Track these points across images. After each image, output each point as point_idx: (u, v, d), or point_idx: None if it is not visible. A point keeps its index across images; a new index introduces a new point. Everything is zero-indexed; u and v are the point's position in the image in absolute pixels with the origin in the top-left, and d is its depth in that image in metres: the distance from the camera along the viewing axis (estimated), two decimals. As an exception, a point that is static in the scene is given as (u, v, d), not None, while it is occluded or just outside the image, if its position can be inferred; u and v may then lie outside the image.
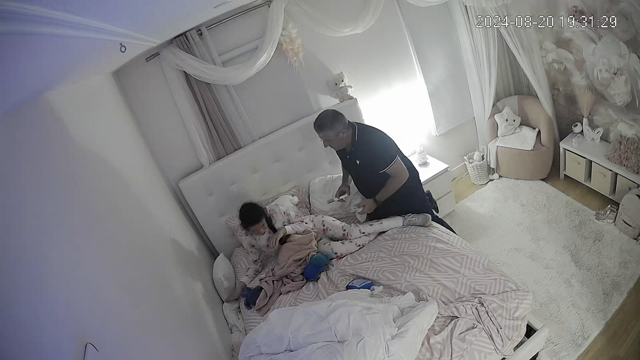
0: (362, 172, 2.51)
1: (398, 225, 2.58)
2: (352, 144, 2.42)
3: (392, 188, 2.44)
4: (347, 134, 2.36)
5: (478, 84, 3.39)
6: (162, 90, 2.61)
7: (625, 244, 2.70)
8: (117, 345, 1.15)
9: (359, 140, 2.39)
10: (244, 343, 1.88)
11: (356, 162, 2.46)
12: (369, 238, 2.59)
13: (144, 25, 1.45)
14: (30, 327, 0.84)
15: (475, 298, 1.91)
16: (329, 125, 2.31)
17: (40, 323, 0.87)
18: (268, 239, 2.58)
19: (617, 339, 2.21)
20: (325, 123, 2.31)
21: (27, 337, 0.82)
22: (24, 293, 0.88)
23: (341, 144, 2.42)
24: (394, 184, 2.42)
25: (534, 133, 3.40)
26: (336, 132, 2.32)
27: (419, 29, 3.16)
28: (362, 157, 2.42)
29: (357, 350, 1.62)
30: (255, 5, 2.62)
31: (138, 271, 1.61)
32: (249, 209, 2.50)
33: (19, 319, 0.82)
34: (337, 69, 3.04)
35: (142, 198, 2.13)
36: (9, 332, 0.78)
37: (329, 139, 2.36)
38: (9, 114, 1.09)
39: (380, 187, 2.47)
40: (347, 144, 2.42)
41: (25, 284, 0.89)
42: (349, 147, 2.44)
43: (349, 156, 2.49)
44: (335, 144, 2.40)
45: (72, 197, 1.33)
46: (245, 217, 2.48)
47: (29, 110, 1.23)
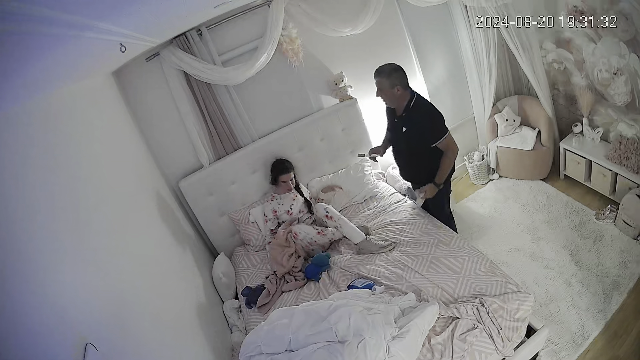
0: (406, 140, 2.38)
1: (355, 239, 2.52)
2: (404, 108, 2.30)
3: (448, 165, 2.34)
4: (402, 93, 2.25)
5: (478, 84, 3.39)
6: (162, 90, 2.61)
7: (625, 244, 2.70)
8: (117, 345, 1.15)
9: (413, 108, 2.28)
10: (244, 343, 1.88)
11: (402, 128, 2.35)
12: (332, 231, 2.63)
13: (143, 25, 1.45)
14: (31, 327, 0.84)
15: (476, 299, 1.91)
16: (387, 73, 2.21)
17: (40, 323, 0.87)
18: (291, 206, 2.77)
19: (617, 339, 2.21)
20: (385, 70, 2.23)
21: (27, 337, 0.82)
22: (24, 293, 0.88)
23: (393, 101, 2.30)
24: (448, 160, 2.32)
25: (534, 133, 3.40)
26: (392, 83, 2.21)
27: (419, 29, 3.16)
28: (412, 125, 2.31)
29: (357, 350, 1.62)
30: (255, 5, 2.61)
31: (138, 271, 1.61)
32: (282, 160, 2.82)
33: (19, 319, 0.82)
34: (337, 69, 3.04)
35: (142, 198, 2.13)
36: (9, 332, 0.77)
37: (382, 88, 2.25)
38: (9, 114, 1.08)
39: (418, 160, 2.41)
40: (399, 106, 2.31)
41: (26, 284, 0.89)
42: (400, 110, 2.33)
43: (396, 120, 2.40)
44: (386, 96, 2.27)
45: (72, 197, 1.33)
46: (277, 165, 2.78)
47: (29, 110, 1.23)
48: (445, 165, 2.35)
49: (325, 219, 2.61)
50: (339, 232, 2.62)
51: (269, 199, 2.84)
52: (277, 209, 2.78)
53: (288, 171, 2.76)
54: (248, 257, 2.85)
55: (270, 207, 2.80)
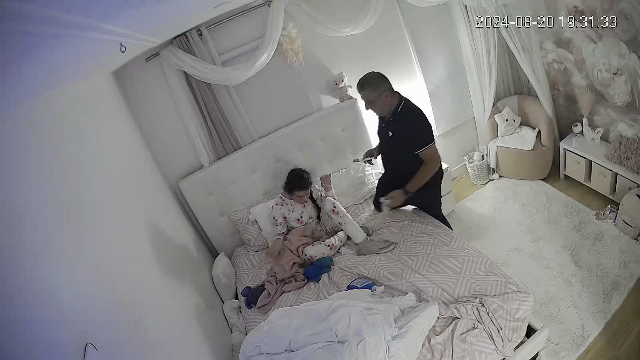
0: (393, 144, 2.37)
1: (356, 239, 2.51)
2: (392, 113, 2.27)
3: (425, 175, 2.27)
4: (390, 99, 2.22)
5: (478, 84, 3.39)
6: (162, 90, 2.61)
7: (625, 244, 2.70)
8: (117, 345, 1.15)
9: (400, 112, 2.25)
10: (244, 343, 1.88)
11: (389, 133, 2.34)
12: (339, 237, 2.62)
13: (144, 25, 1.45)
14: (31, 327, 0.84)
15: (475, 299, 1.91)
16: (372, 85, 2.17)
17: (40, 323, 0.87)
18: (301, 214, 2.69)
19: (617, 339, 2.21)
20: (369, 81, 2.18)
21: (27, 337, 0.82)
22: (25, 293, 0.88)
23: (383, 109, 2.27)
24: (426, 170, 2.26)
25: (534, 133, 3.40)
26: (379, 92, 2.18)
27: (419, 29, 3.16)
28: (398, 130, 2.28)
29: (357, 350, 1.62)
30: (255, 5, 2.61)
31: (138, 271, 1.61)
32: (302, 174, 2.62)
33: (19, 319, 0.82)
34: (337, 69, 3.04)
35: (143, 198, 2.13)
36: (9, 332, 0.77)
37: (371, 100, 2.21)
38: (9, 114, 1.08)
39: (404, 166, 2.35)
40: (388, 111, 2.28)
41: (26, 284, 0.89)
42: (388, 115, 2.30)
43: (384, 125, 2.38)
44: (377, 106, 2.25)
45: (72, 196, 1.33)
46: (297, 179, 2.60)
47: (29, 110, 1.23)
48: (421, 175, 2.28)
49: (332, 213, 2.60)
50: (344, 237, 2.62)
51: (278, 202, 2.73)
52: (288, 216, 2.71)
53: (307, 188, 2.61)
54: (248, 257, 2.85)
55: (280, 212, 2.71)
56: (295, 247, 2.60)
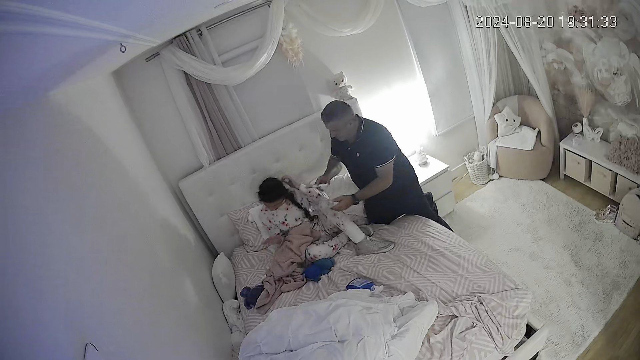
0: (361, 164, 2.47)
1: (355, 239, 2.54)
2: (356, 135, 2.40)
3: (374, 189, 2.40)
4: (354, 125, 2.35)
5: (478, 84, 3.39)
6: (162, 90, 2.61)
7: (625, 244, 2.70)
8: (117, 345, 1.15)
9: (363, 134, 2.38)
10: (244, 343, 1.88)
11: (356, 154, 2.44)
12: (340, 239, 2.63)
13: (144, 25, 1.45)
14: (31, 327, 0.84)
15: (474, 297, 1.91)
16: (339, 115, 2.29)
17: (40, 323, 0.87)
18: (285, 217, 2.73)
19: (617, 339, 2.21)
20: (335, 113, 2.29)
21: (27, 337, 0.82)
22: (24, 293, 0.88)
23: (348, 135, 2.39)
24: (377, 185, 2.39)
25: (534, 133, 3.40)
26: (344, 122, 2.30)
27: (419, 29, 3.16)
28: (363, 150, 2.39)
29: (357, 350, 1.62)
30: (255, 5, 2.62)
31: (138, 271, 1.61)
32: (267, 190, 2.69)
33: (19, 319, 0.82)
34: (337, 69, 3.04)
35: (143, 198, 2.13)
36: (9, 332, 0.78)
37: (337, 129, 2.33)
38: (9, 114, 1.09)
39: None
40: (352, 135, 2.40)
41: (26, 284, 0.89)
42: (353, 139, 2.42)
43: (349, 148, 2.47)
44: (342, 133, 2.36)
45: (72, 196, 1.33)
46: (262, 192, 2.71)
47: (29, 110, 1.23)
48: (372, 188, 2.39)
49: (329, 214, 2.60)
50: (345, 238, 2.63)
51: (262, 207, 2.84)
52: (272, 220, 2.79)
53: (269, 201, 2.70)
54: (247, 257, 2.85)
55: (265, 217, 2.83)
56: (297, 246, 2.59)
